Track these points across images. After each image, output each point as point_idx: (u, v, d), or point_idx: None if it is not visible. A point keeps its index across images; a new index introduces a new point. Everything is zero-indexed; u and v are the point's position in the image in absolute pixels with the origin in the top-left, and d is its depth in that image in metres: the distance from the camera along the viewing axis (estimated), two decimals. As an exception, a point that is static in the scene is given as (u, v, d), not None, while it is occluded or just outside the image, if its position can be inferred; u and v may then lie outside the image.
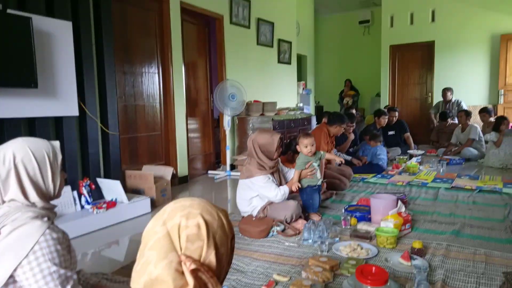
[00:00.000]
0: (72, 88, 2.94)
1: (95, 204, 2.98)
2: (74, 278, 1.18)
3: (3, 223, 1.16)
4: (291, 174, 2.94)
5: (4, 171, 1.22)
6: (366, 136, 4.89)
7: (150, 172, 3.55)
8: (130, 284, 0.82)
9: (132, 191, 3.46)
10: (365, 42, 9.19)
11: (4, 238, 1.13)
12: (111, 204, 3.06)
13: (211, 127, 5.33)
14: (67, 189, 2.89)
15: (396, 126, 6.00)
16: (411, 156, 5.38)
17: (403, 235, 2.48)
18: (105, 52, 3.31)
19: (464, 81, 7.07)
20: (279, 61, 6.76)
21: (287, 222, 2.65)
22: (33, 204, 1.24)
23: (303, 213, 2.82)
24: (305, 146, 2.86)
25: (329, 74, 9.73)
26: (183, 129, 4.55)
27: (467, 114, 5.71)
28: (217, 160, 5.43)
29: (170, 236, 0.80)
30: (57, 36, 2.79)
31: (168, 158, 4.38)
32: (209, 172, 5.05)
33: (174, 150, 4.40)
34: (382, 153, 4.79)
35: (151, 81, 4.18)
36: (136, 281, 0.80)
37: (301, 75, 8.70)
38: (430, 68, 7.48)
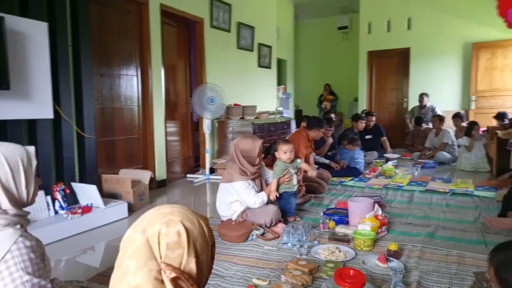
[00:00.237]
0: (47, 90, 2.85)
1: (70, 209, 2.90)
2: (48, 287, 1.15)
3: (-27, 231, 1.12)
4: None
5: (-26, 177, 1.17)
6: (344, 142, 4.97)
7: (128, 176, 3.49)
8: (108, 293, 0.80)
9: (109, 196, 3.39)
10: (344, 48, 9.35)
11: (-26, 247, 1.09)
12: (87, 209, 2.98)
13: (190, 131, 5.29)
14: (41, 194, 2.80)
15: (373, 130, 6.13)
16: (388, 160, 5.51)
17: (380, 238, 2.54)
18: (82, 54, 3.24)
19: (438, 87, 7.30)
20: (259, 65, 6.80)
21: (267, 227, 2.66)
22: (5, 211, 1.20)
23: (282, 217, 2.84)
24: (284, 152, 2.87)
25: (308, 79, 9.85)
26: (162, 132, 4.50)
27: (441, 119, 5.91)
28: (196, 164, 5.39)
29: (150, 244, 0.79)
30: (32, 37, 2.71)
31: (146, 162, 4.32)
32: (188, 176, 5.01)
33: (152, 154, 4.34)
34: (360, 157, 4.88)
35: (129, 84, 4.12)
36: (114, 290, 0.78)
37: (281, 79, 8.77)
38: (406, 74, 7.69)
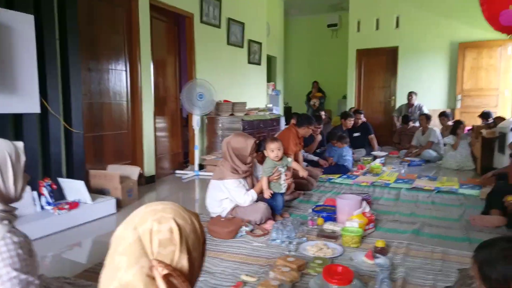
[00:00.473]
0: (34, 84, 2.80)
1: (57, 205, 2.87)
2: (36, 283, 1.14)
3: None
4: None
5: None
6: (334, 141, 5.01)
7: (116, 172, 3.46)
8: (99, 290, 0.80)
9: (97, 192, 3.36)
10: (333, 45, 9.40)
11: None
12: (74, 205, 2.95)
13: (180, 126, 5.27)
14: (27, 189, 2.76)
15: (361, 128, 6.19)
16: (375, 157, 5.57)
17: (367, 235, 2.58)
18: (70, 48, 3.19)
19: (425, 86, 7.41)
20: (249, 62, 6.79)
21: (257, 224, 2.67)
22: (-8, 207, 1.18)
23: (272, 215, 2.86)
24: (272, 151, 2.86)
25: (298, 76, 9.88)
26: (151, 128, 4.47)
27: (428, 118, 6.01)
28: (185, 160, 5.37)
29: (142, 241, 0.79)
30: (18, 30, 2.65)
31: (135, 158, 4.28)
32: (177, 172, 4.99)
33: (141, 149, 4.31)
34: (348, 154, 4.93)
35: (118, 79, 4.07)
36: (105, 287, 0.78)
37: (271, 76, 8.77)
38: (394, 73, 7.77)
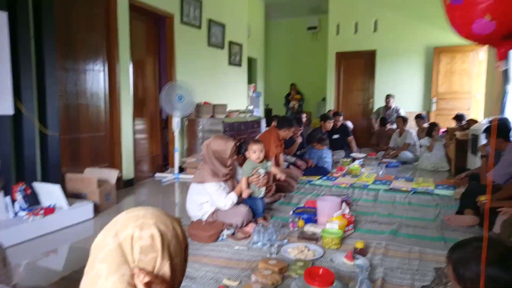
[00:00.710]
0: (6, 85, 2.71)
1: (31, 210, 2.78)
2: (11, 294, 1.10)
3: None
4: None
5: None
6: (314, 143, 5.06)
7: (93, 175, 3.38)
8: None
9: (73, 196, 3.27)
10: (313, 48, 9.51)
11: None
12: (49, 210, 2.86)
13: (159, 128, 5.20)
14: (-1, 194, 2.66)
15: (340, 130, 6.29)
16: (354, 159, 5.67)
17: (347, 236, 2.62)
18: (46, 47, 3.10)
19: (402, 89, 7.60)
20: (230, 63, 6.78)
21: (238, 228, 2.67)
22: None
23: (253, 218, 2.86)
24: (254, 152, 2.88)
25: (278, 78, 9.93)
26: (130, 130, 4.39)
27: (404, 120, 6.17)
28: (165, 163, 5.31)
29: (122, 248, 0.78)
30: (-10, 28, 2.57)
31: (113, 160, 4.20)
32: (156, 175, 4.92)
33: (119, 152, 4.23)
34: (328, 156, 5.00)
35: (96, 79, 3.98)
36: (85, 296, 0.76)
37: (252, 78, 8.79)
38: (372, 76, 7.94)
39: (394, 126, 6.68)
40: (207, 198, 2.74)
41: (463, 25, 1.19)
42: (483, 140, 3.97)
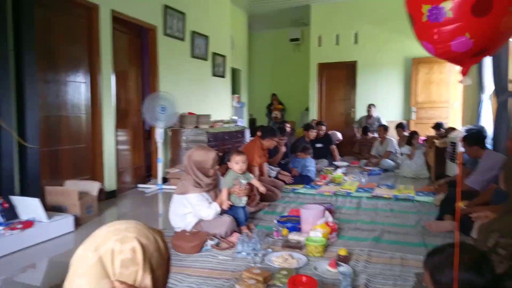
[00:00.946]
0: (-16, 96, 2.66)
1: (8, 225, 2.70)
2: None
3: None
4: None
5: None
6: (298, 153, 5.10)
7: (74, 188, 3.32)
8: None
9: (53, 209, 3.19)
10: (295, 59, 9.64)
11: None
12: (28, 224, 2.79)
13: (142, 139, 5.16)
14: (-25, 209, 2.59)
15: (323, 139, 6.37)
16: (337, 167, 5.73)
17: (330, 243, 2.64)
18: (26, 59, 3.06)
19: (382, 98, 7.77)
20: (214, 74, 6.81)
21: (222, 238, 2.66)
22: None
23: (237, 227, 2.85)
24: (236, 163, 2.89)
25: (262, 88, 10.02)
26: (112, 141, 4.34)
27: (385, 129, 6.30)
28: (148, 174, 5.25)
29: (103, 262, 0.77)
30: (-33, 39, 2.53)
31: (95, 172, 4.13)
32: (139, 186, 4.87)
33: (101, 164, 4.17)
34: (311, 165, 5.05)
35: (77, 91, 3.94)
36: (64, 310, 0.76)
37: (236, 89, 8.83)
38: (353, 86, 8.10)
39: (376, 135, 6.81)
40: (190, 209, 2.73)
41: (441, 42, 1.22)
42: (461, 148, 4.08)
